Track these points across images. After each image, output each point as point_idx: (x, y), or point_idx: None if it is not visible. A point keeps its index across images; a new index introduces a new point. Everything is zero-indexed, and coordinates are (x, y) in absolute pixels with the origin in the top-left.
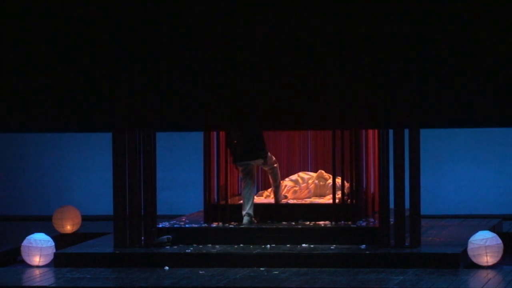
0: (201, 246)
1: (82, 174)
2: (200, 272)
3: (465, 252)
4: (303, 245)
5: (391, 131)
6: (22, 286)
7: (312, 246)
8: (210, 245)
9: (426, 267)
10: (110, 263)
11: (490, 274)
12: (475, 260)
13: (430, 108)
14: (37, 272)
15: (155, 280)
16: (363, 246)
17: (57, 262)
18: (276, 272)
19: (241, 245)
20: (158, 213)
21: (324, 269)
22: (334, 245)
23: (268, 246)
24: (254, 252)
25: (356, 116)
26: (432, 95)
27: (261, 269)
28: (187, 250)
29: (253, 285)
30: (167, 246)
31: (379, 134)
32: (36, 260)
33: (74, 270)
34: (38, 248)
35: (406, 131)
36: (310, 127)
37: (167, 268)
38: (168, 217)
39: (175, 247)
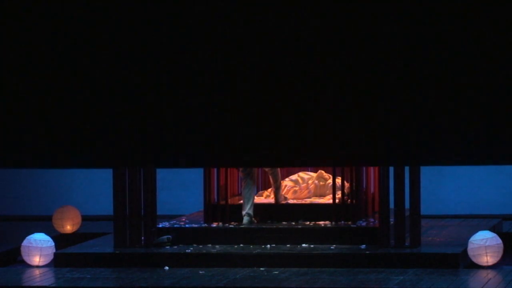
0: (201, 246)
1: (82, 174)
2: (200, 272)
3: (465, 252)
4: (303, 245)
5: None
6: (22, 286)
7: (312, 246)
8: (210, 245)
9: (426, 267)
10: (110, 263)
11: (490, 274)
12: (475, 260)
13: (434, 146)
14: (37, 272)
15: (155, 280)
16: (363, 246)
17: (57, 262)
18: (276, 272)
19: (241, 245)
20: (158, 213)
21: (324, 269)
22: (334, 245)
23: (268, 246)
24: (254, 252)
25: (354, 153)
26: (435, 133)
27: (261, 269)
28: (187, 250)
29: (253, 285)
30: (167, 246)
31: None
32: (36, 260)
33: (74, 270)
34: (38, 248)
35: None
36: (311, 164)
37: (167, 268)
38: (168, 217)
39: (175, 247)
